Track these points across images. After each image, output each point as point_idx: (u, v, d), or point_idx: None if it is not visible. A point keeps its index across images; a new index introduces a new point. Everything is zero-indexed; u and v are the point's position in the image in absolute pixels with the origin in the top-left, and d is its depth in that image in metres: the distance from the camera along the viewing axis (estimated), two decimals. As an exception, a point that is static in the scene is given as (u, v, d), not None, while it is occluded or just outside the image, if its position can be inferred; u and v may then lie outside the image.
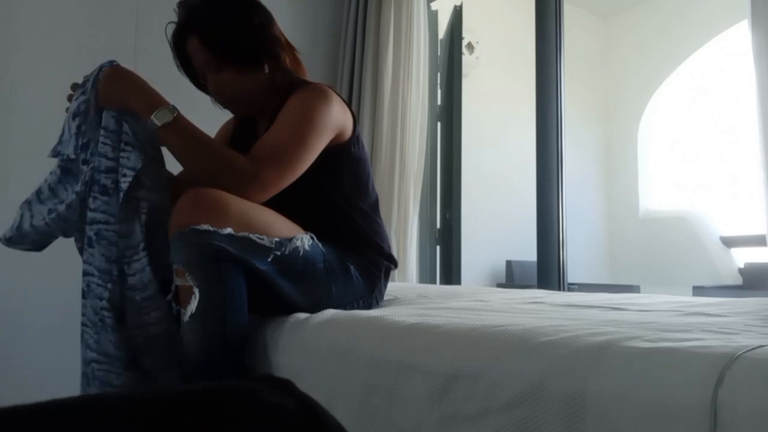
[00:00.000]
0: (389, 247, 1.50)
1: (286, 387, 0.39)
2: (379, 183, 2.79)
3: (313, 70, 2.98)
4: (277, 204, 1.26)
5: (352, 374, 1.05)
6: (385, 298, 1.54)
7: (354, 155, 1.43)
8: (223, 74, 1.38)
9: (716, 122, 5.22)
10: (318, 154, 1.31)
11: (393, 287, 1.80)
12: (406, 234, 2.76)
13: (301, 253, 1.24)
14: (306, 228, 1.31)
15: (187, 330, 1.13)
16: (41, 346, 2.13)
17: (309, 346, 1.16)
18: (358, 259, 1.39)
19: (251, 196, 1.21)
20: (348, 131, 1.41)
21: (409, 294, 1.67)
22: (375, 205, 1.50)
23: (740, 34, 4.24)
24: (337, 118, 1.36)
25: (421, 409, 0.91)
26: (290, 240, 1.23)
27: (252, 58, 1.38)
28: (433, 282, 3.15)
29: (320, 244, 1.31)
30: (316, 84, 1.40)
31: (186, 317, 1.11)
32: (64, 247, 2.21)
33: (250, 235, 1.15)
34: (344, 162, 1.41)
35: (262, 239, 1.18)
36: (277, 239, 1.20)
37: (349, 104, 1.44)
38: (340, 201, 1.40)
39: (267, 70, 1.41)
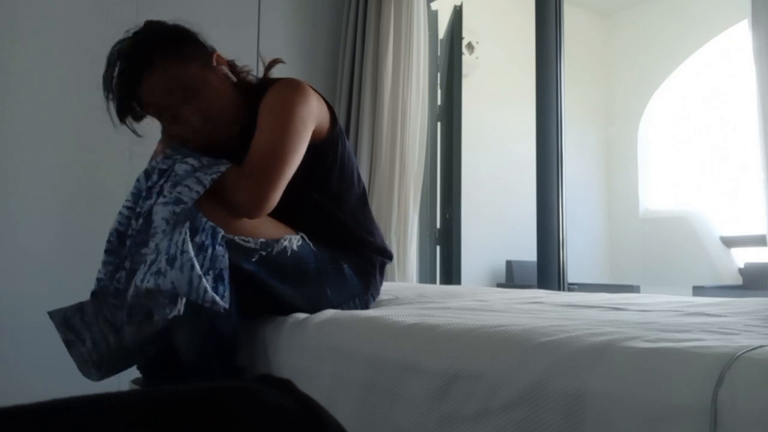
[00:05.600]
0: (382, 239, 1.49)
1: (286, 387, 0.39)
2: (379, 183, 2.79)
3: (313, 70, 3.01)
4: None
5: (352, 374, 1.05)
6: (385, 297, 1.54)
7: (338, 149, 1.40)
8: (191, 107, 1.26)
9: (716, 122, 5.22)
10: (305, 148, 1.28)
11: (393, 287, 1.80)
12: (406, 234, 2.76)
13: (289, 254, 1.24)
14: (297, 229, 1.30)
15: (178, 333, 1.13)
16: (41, 346, 2.13)
17: (309, 346, 1.16)
18: (351, 258, 1.38)
19: (260, 212, 1.20)
20: (326, 123, 1.37)
21: (409, 294, 1.67)
22: (363, 197, 1.48)
23: (740, 34, 4.24)
24: (314, 109, 1.32)
25: (421, 409, 0.91)
26: (277, 241, 1.23)
27: (200, 50, 1.31)
28: (433, 282, 3.15)
29: (311, 244, 1.30)
30: (289, 78, 1.34)
31: (169, 316, 1.11)
32: (64, 246, 2.22)
33: (235, 238, 1.16)
34: (328, 158, 1.38)
35: (247, 241, 1.18)
36: (263, 240, 1.21)
37: (324, 97, 1.40)
38: (328, 201, 1.39)
39: (220, 67, 1.33)
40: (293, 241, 1.26)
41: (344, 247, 1.39)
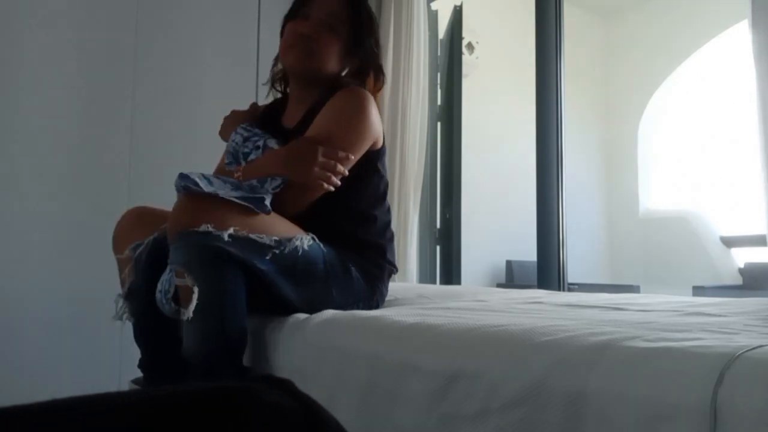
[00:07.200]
0: (394, 257, 1.51)
1: (286, 387, 0.39)
2: (379, 183, 2.80)
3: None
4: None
5: (352, 374, 1.05)
6: (386, 298, 1.54)
7: (379, 167, 1.46)
8: (331, 36, 1.43)
9: (716, 122, 5.22)
10: (360, 155, 1.35)
11: (393, 287, 1.79)
12: (406, 234, 2.76)
13: (300, 253, 1.24)
14: (311, 230, 1.31)
15: (187, 330, 1.14)
16: (41, 345, 2.13)
17: (309, 346, 1.17)
18: (359, 261, 1.39)
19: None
20: (380, 141, 1.44)
21: (409, 294, 1.67)
22: (387, 215, 1.50)
23: (740, 34, 4.23)
24: (377, 124, 1.40)
25: (421, 409, 0.91)
26: (290, 240, 1.24)
27: (360, 58, 1.47)
28: (433, 282, 3.15)
29: (321, 245, 1.31)
30: (359, 88, 1.42)
31: (185, 317, 1.12)
32: (64, 246, 2.22)
33: (250, 235, 1.16)
34: (369, 172, 1.43)
35: (262, 238, 1.18)
36: (276, 238, 1.21)
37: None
38: (356, 210, 1.41)
39: (351, 70, 1.48)
40: (304, 240, 1.27)
41: (354, 249, 1.39)
